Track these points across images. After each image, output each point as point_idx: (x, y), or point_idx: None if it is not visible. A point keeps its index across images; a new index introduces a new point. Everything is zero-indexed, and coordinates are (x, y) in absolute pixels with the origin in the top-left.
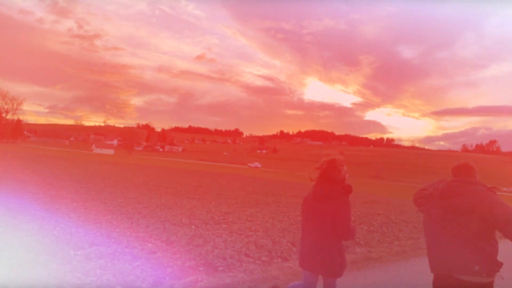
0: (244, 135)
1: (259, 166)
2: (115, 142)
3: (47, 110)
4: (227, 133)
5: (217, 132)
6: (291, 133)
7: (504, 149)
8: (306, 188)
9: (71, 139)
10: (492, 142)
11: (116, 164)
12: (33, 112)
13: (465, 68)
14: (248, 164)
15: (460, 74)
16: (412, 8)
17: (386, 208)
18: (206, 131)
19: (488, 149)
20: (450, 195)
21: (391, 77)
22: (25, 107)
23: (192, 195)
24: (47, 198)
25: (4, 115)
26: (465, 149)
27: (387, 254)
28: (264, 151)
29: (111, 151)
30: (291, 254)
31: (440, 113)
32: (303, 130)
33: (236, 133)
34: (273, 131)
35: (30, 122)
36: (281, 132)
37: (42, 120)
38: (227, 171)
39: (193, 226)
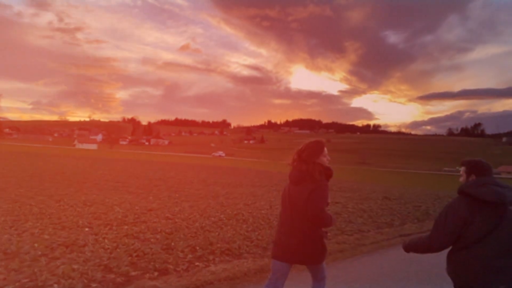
0: (232, 126)
1: (223, 155)
2: (99, 137)
3: (31, 106)
4: (214, 124)
5: (205, 124)
6: (278, 122)
7: (488, 131)
8: (276, 177)
9: (55, 135)
10: (477, 125)
11: (88, 159)
12: (17, 109)
13: (450, 51)
14: (212, 154)
15: (445, 58)
16: None
17: (351, 195)
18: (193, 123)
19: (473, 132)
20: None
21: (377, 63)
22: (8, 104)
23: (136, 190)
24: None
25: None
26: (450, 132)
27: None
28: (251, 142)
29: (94, 146)
30: (179, 264)
31: (426, 98)
32: (290, 119)
33: (224, 124)
34: (261, 121)
35: (13, 119)
36: (269, 122)
37: (26, 117)
38: (203, 162)
39: (86, 229)
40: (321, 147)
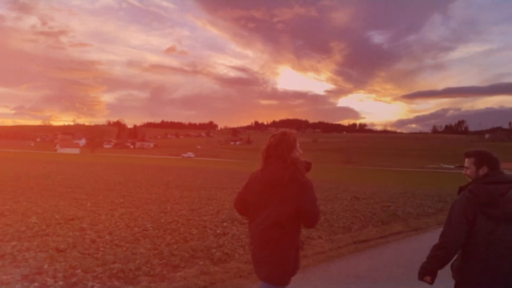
0: (219, 128)
1: (192, 156)
2: (82, 141)
3: (13, 111)
4: (201, 126)
5: (191, 126)
6: (265, 123)
7: (471, 128)
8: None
9: (38, 140)
10: (461, 122)
11: (61, 163)
12: None
13: (433, 51)
14: (182, 155)
15: (429, 57)
16: None
17: (317, 196)
18: (179, 125)
19: (457, 129)
20: None
21: (362, 63)
22: None
23: (81, 196)
24: None
25: None
26: (435, 130)
27: None
28: (238, 143)
29: (76, 150)
30: None
31: (411, 97)
32: (277, 119)
33: (211, 125)
34: (248, 122)
35: None
36: (256, 122)
37: (8, 122)
38: (180, 164)
39: None
40: (295, 139)
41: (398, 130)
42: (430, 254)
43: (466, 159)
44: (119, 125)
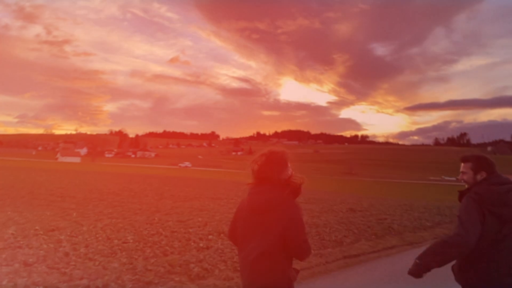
0: (221, 138)
1: (189, 165)
2: (84, 150)
3: (16, 119)
4: (203, 136)
5: (193, 136)
6: (267, 134)
7: (474, 141)
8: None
9: (39, 148)
10: (463, 134)
11: (59, 172)
12: (2, 122)
13: (436, 63)
14: (178, 164)
15: (432, 70)
16: (383, 5)
17: (312, 208)
18: (181, 135)
19: (459, 141)
20: None
21: (365, 74)
22: None
23: (69, 205)
24: None
25: None
26: (437, 142)
27: None
28: (239, 153)
29: (77, 159)
30: None
31: (413, 109)
32: (279, 130)
33: (212, 136)
34: (250, 132)
35: None
36: (258, 133)
37: (11, 130)
38: (178, 173)
39: None
40: (285, 159)
41: (400, 142)
42: (436, 250)
43: (463, 164)
44: (121, 134)
